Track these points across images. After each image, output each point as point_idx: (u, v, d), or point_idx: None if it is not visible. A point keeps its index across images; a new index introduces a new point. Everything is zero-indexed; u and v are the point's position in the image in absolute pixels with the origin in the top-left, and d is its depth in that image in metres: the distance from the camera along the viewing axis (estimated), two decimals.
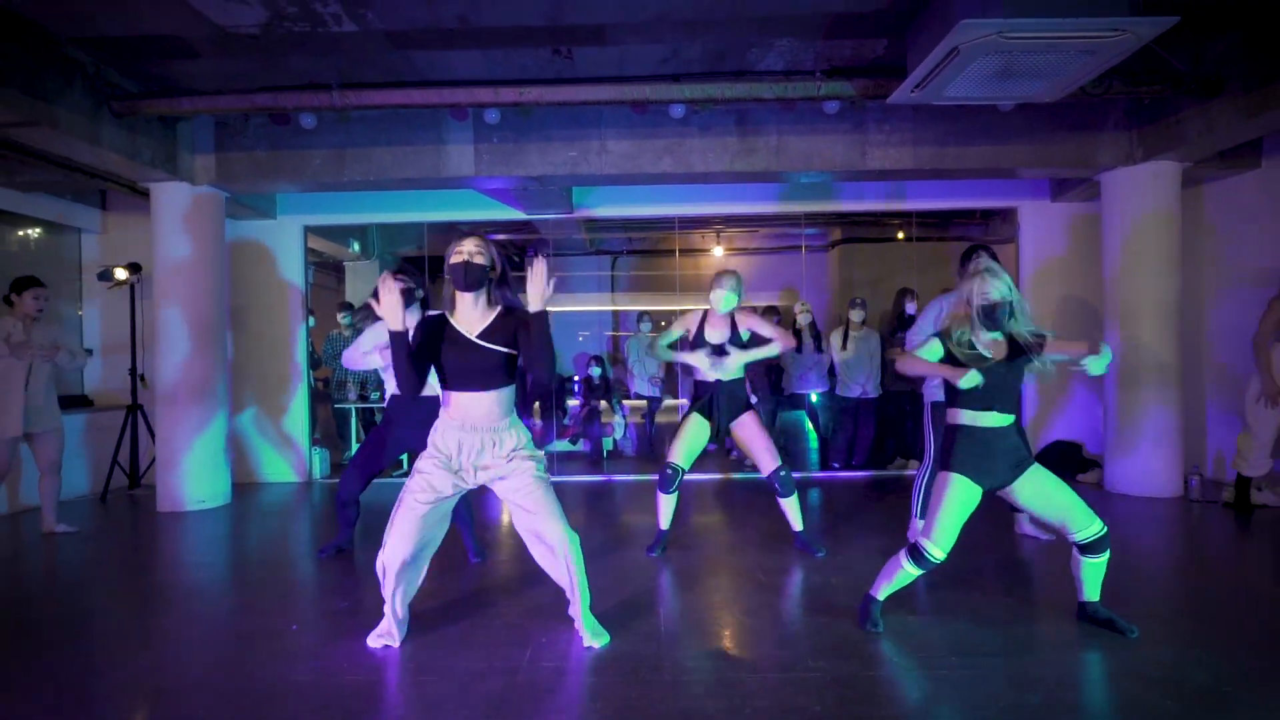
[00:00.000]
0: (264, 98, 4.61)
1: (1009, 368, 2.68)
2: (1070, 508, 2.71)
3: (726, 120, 5.27)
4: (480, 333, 2.61)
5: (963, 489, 2.68)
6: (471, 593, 3.40)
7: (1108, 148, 5.31)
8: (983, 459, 2.68)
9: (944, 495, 2.70)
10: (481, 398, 2.61)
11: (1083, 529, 2.71)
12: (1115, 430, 5.52)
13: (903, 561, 2.75)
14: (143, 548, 4.54)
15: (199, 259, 5.45)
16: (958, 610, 3.06)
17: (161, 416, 5.42)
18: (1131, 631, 2.76)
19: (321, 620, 3.11)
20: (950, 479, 2.70)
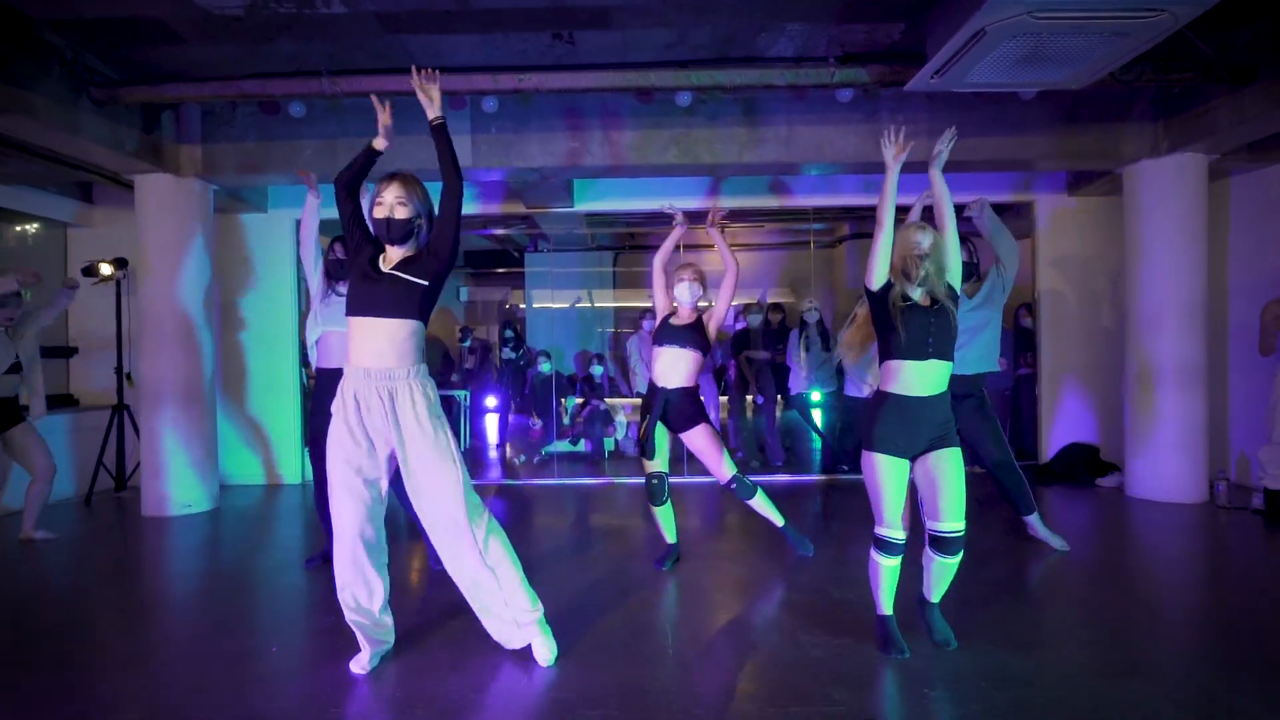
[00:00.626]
0: (251, 84, 4.39)
1: (936, 314, 2.59)
2: (953, 497, 2.58)
3: (734, 110, 5.06)
4: (397, 264, 2.47)
5: (888, 468, 2.58)
6: (453, 605, 3.20)
7: (1132, 139, 5.09)
8: (901, 430, 2.58)
9: (875, 480, 2.61)
10: (382, 325, 2.42)
11: (947, 520, 2.57)
12: (1136, 433, 5.31)
13: (876, 558, 2.66)
14: (123, 556, 4.34)
15: (185, 253, 5.24)
16: (984, 632, 2.85)
17: (146, 417, 5.22)
18: (950, 644, 2.68)
19: (304, 640, 2.91)
20: (874, 460, 2.60)
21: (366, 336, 2.42)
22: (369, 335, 2.42)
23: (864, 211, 7.71)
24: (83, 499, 5.72)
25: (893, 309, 2.60)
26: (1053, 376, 6.27)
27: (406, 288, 2.43)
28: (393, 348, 2.42)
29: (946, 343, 2.60)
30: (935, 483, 2.59)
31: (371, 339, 2.42)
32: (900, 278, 2.64)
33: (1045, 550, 3.99)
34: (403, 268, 2.46)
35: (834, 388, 6.60)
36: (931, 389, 2.59)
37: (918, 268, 2.59)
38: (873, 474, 2.62)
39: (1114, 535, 4.51)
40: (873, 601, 2.75)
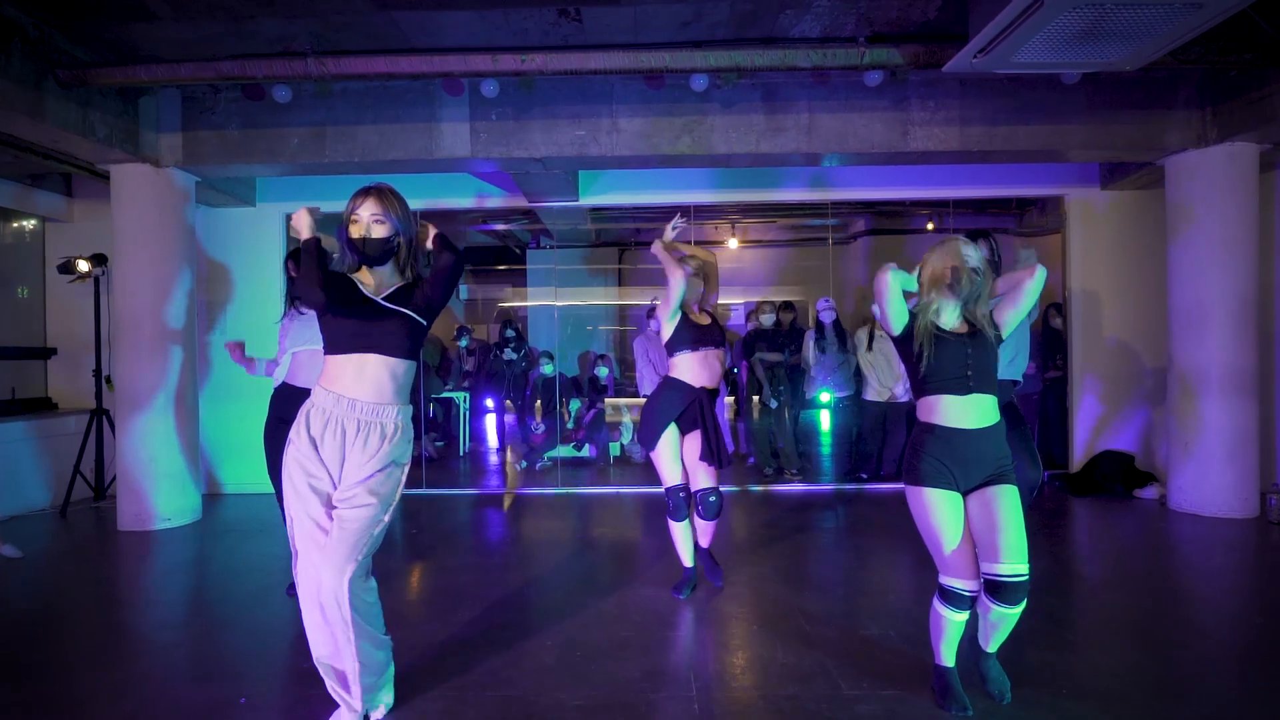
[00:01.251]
0: (231, 65, 4.05)
1: (975, 343, 2.29)
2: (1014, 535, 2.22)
3: (752, 96, 4.71)
4: (387, 295, 2.21)
5: (941, 503, 2.27)
6: (447, 646, 2.87)
7: (1177, 127, 4.75)
8: (948, 463, 2.27)
9: (928, 519, 2.29)
10: (369, 361, 2.17)
11: (1007, 562, 2.20)
12: (1179, 442, 4.98)
13: (940, 610, 2.32)
14: (94, 577, 4.01)
15: (165, 249, 4.90)
16: (1037, 677, 2.52)
17: (124, 424, 4.88)
18: (1005, 698, 2.36)
19: (280, 687, 2.58)
20: (923, 496, 2.29)
21: (361, 369, 2.18)
22: (363, 368, 2.18)
23: (884, 206, 7.39)
24: (58, 510, 5.40)
25: (921, 338, 2.30)
26: (1084, 380, 5.93)
27: (400, 322, 2.19)
28: (391, 381, 2.21)
29: (987, 374, 2.28)
30: (993, 520, 2.23)
31: (366, 370, 2.18)
32: (942, 291, 2.29)
33: (1086, 575, 3.67)
34: (398, 299, 2.21)
35: (852, 391, 6.27)
36: (979, 422, 2.28)
37: (970, 280, 2.26)
38: (924, 513, 2.29)
39: (1159, 553, 4.18)
40: (932, 650, 2.40)
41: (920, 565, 3.82)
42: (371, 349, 2.17)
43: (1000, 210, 7.49)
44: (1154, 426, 5.76)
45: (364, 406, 2.16)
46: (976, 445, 2.26)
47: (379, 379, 2.18)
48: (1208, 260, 4.81)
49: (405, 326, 2.20)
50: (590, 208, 6.56)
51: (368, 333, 2.17)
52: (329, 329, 2.18)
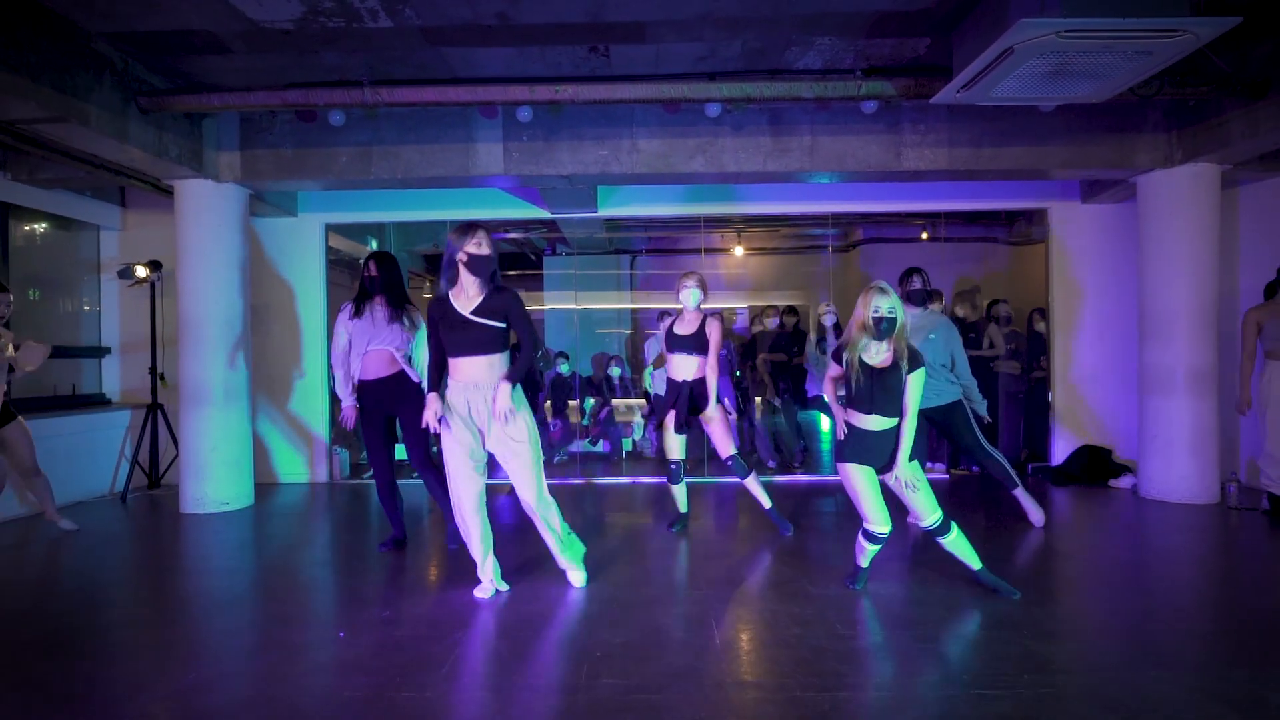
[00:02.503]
0: (295, 94, 4.53)
1: (887, 377, 3.17)
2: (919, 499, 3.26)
3: (760, 120, 5.20)
4: (474, 310, 3.17)
5: (861, 473, 3.25)
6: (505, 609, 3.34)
7: (1146, 149, 5.23)
8: (865, 450, 3.24)
9: (854, 484, 3.26)
10: (478, 361, 3.20)
11: (925, 517, 3.26)
12: (1149, 436, 5.45)
13: (863, 543, 3.35)
14: (168, 551, 4.48)
15: (223, 256, 5.38)
16: (1010, 625, 3.00)
17: (185, 417, 5.35)
18: (1014, 594, 3.30)
19: (369, 630, 3.05)
20: (849, 469, 3.27)
21: (473, 366, 3.20)
22: (475, 365, 3.20)
23: (880, 217, 7.87)
24: (118, 496, 5.86)
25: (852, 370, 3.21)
26: (1065, 380, 6.41)
27: (489, 331, 3.18)
28: (493, 369, 3.22)
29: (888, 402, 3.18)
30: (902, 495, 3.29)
31: (477, 366, 3.20)
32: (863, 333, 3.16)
33: (1061, 551, 4.14)
34: (480, 313, 3.17)
35: None
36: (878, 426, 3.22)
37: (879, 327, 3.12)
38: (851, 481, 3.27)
39: (1128, 534, 4.64)
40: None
41: (914, 557, 4.30)
42: (469, 352, 3.19)
43: (991, 220, 7.98)
44: (1129, 422, 6.23)
45: (484, 385, 3.19)
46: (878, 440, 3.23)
47: (485, 370, 3.21)
48: (1174, 270, 5.29)
49: (491, 332, 3.18)
50: (607, 218, 7.04)
51: (465, 343, 3.18)
52: (442, 340, 3.22)
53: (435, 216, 6.56)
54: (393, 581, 3.69)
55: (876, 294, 3.13)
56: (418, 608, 3.26)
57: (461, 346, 3.18)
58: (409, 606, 3.28)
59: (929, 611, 3.15)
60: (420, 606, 3.27)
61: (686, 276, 4.40)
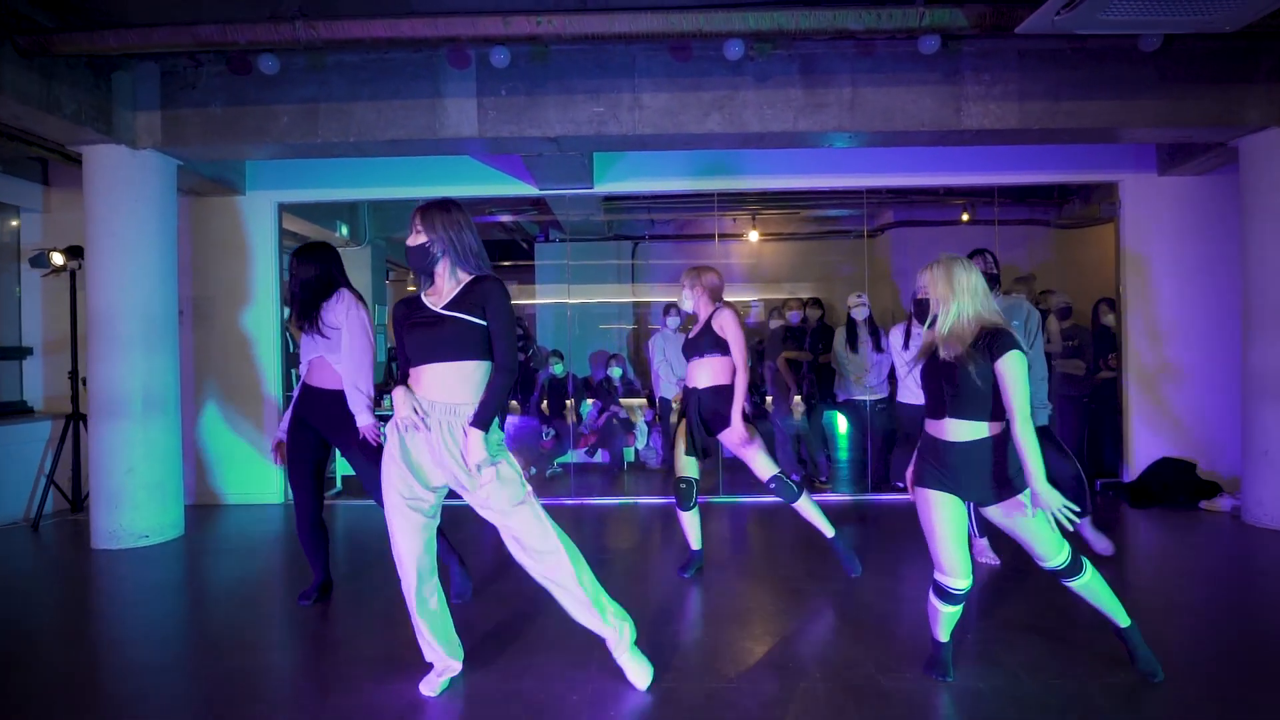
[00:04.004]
0: (210, 30, 3.61)
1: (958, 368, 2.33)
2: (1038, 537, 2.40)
3: (789, 68, 4.27)
4: (446, 304, 2.38)
5: (939, 503, 2.41)
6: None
7: (1258, 102, 4.29)
8: (944, 470, 2.41)
9: (927, 516, 2.45)
10: (446, 369, 2.34)
11: (1048, 561, 2.42)
12: (1255, 450, 4.53)
13: (935, 603, 2.47)
14: (58, 602, 3.58)
15: (142, 239, 4.46)
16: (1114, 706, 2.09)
17: (97, 432, 4.44)
18: (1156, 675, 2.45)
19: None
20: (924, 495, 2.45)
21: (438, 377, 2.34)
22: (441, 376, 2.34)
23: (916, 195, 6.93)
24: (30, 524, 4.97)
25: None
26: (1139, 381, 5.48)
27: (463, 327, 2.34)
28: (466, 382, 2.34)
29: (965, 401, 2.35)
30: (1013, 533, 2.44)
31: (443, 377, 2.34)
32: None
33: (1157, 599, 3.23)
34: (454, 306, 2.36)
35: (886, 393, 5.82)
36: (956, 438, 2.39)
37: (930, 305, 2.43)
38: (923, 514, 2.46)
39: (1239, 574, 3.74)
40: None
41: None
42: (435, 358, 2.34)
43: (1040, 201, 7.03)
44: (1216, 432, 5.31)
45: (441, 406, 2.31)
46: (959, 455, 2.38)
47: (453, 383, 2.32)
48: None
49: (465, 329, 2.33)
50: (604, 196, 6.12)
51: (432, 344, 2.34)
52: (405, 347, 2.40)
53: (404, 194, 5.64)
54: (323, 659, 2.78)
55: (923, 270, 2.49)
56: (348, 709, 2.35)
57: (424, 350, 2.35)
58: (334, 708, 2.37)
59: (1044, 716, 2.23)
60: (353, 708, 2.36)
61: (686, 275, 3.68)
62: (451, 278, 2.42)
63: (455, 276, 2.42)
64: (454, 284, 2.41)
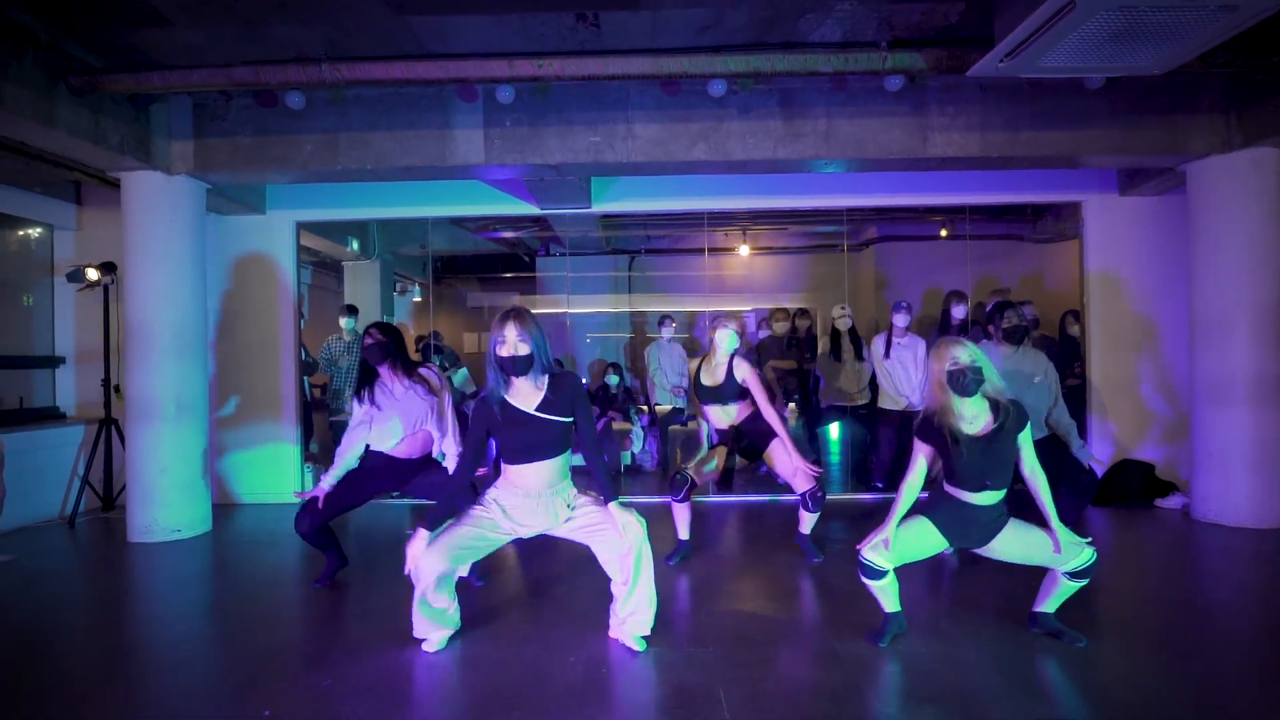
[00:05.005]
0: (244, 72, 4.01)
1: (996, 441, 2.70)
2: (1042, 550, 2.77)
3: (769, 102, 4.66)
4: (538, 405, 2.70)
5: (934, 538, 2.79)
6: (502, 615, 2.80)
7: (1202, 132, 4.68)
8: (964, 526, 2.79)
9: (915, 529, 2.78)
10: (542, 467, 2.74)
11: (1071, 561, 2.74)
12: (1203, 451, 4.90)
13: (865, 582, 2.82)
14: (101, 590, 3.95)
15: (175, 257, 4.85)
16: (1062, 685, 2.45)
17: (132, 434, 4.82)
18: (1079, 641, 2.82)
19: (303, 704, 2.51)
20: (927, 524, 2.79)
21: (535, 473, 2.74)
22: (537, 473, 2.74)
23: (896, 214, 7.33)
24: (66, 521, 5.34)
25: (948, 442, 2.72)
26: (1103, 388, 5.86)
27: (557, 429, 2.72)
28: (557, 472, 2.79)
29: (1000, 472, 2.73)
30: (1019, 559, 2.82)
31: (539, 474, 2.75)
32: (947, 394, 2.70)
33: (1109, 585, 3.60)
34: (546, 409, 2.70)
35: (867, 400, 6.19)
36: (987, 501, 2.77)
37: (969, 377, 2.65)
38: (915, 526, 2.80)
39: (1181, 563, 4.10)
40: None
41: (922, 571, 3.75)
42: (534, 458, 2.72)
43: (1015, 217, 7.43)
44: (1174, 435, 5.68)
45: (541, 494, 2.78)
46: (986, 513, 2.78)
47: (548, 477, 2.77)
48: (1231, 267, 4.74)
49: (558, 430, 2.72)
50: (602, 215, 6.51)
51: (531, 446, 2.71)
52: (505, 445, 2.74)
53: (414, 213, 6.04)
54: (341, 633, 3.15)
55: (949, 347, 2.70)
56: (366, 670, 2.72)
57: (521, 452, 2.72)
58: (356, 668, 2.74)
59: (981, 676, 2.60)
60: (369, 668, 2.73)
61: (728, 318, 4.02)
62: (533, 380, 2.71)
63: (536, 380, 2.71)
64: (535, 385, 2.72)
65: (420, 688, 2.59)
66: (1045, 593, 2.90)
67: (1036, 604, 2.94)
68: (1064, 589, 2.83)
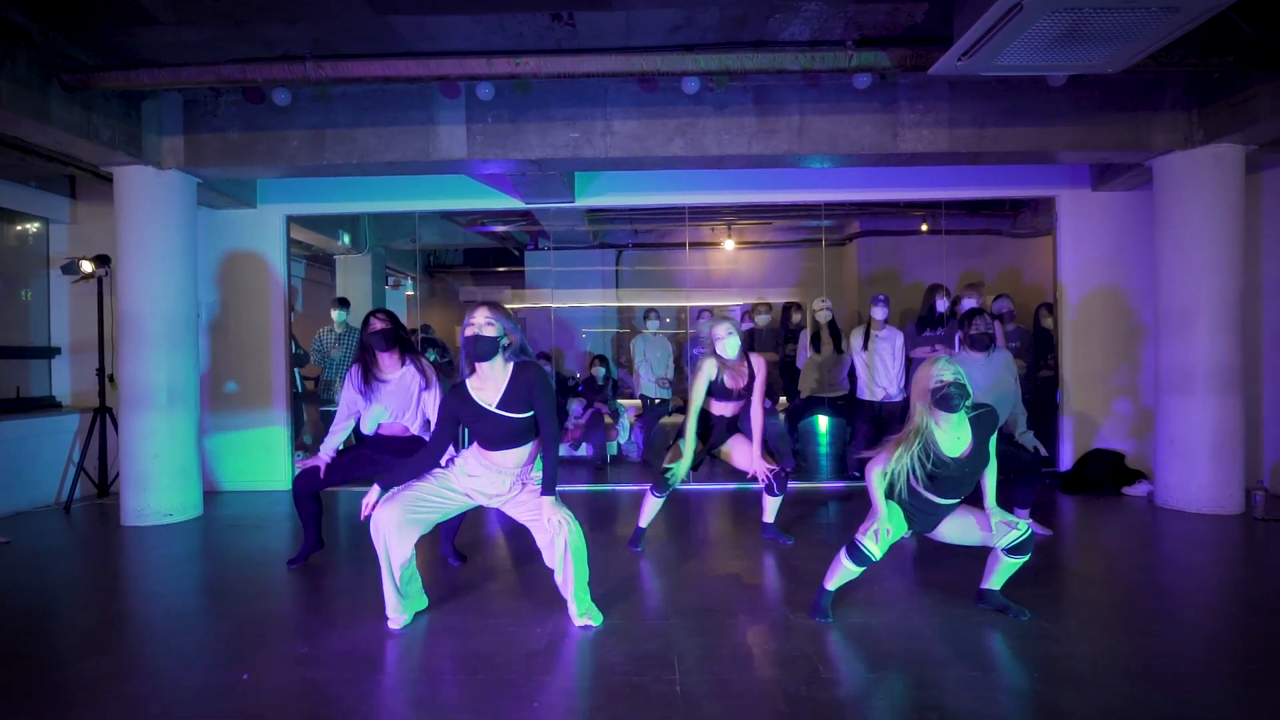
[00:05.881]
0: (231, 69, 4.14)
1: (975, 456, 2.86)
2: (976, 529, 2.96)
3: (744, 98, 4.79)
4: (499, 403, 2.81)
5: (902, 524, 2.91)
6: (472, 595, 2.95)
7: (1164, 128, 4.82)
8: (925, 517, 2.97)
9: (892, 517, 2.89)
10: (509, 453, 2.90)
11: (1003, 538, 2.90)
12: (1166, 439, 5.04)
13: (845, 560, 2.93)
14: (97, 570, 4.09)
15: (166, 249, 4.98)
16: (1022, 658, 2.59)
17: (127, 421, 4.96)
18: (1024, 614, 2.99)
19: (281, 667, 2.65)
20: (898, 511, 2.91)
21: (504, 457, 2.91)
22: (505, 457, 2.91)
23: (877, 208, 7.46)
24: (62, 506, 5.48)
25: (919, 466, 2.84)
26: (1075, 379, 6.00)
27: (519, 423, 2.85)
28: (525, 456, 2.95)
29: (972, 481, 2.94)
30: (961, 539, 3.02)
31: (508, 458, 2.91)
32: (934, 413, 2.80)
33: (1071, 568, 3.75)
34: (506, 406, 2.82)
35: (846, 390, 6.33)
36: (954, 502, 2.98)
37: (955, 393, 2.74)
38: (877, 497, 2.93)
39: (1144, 548, 4.24)
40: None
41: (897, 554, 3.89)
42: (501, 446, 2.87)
43: (994, 211, 7.56)
44: (1143, 425, 5.82)
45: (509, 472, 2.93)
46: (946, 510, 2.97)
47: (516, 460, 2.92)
48: (1195, 260, 4.88)
49: (521, 424, 2.84)
50: (587, 209, 6.64)
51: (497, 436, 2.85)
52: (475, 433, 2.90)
53: (402, 207, 6.17)
54: (320, 606, 3.29)
55: (931, 367, 2.79)
56: (343, 641, 2.86)
57: (497, 441, 2.88)
58: (335, 639, 2.88)
59: (926, 646, 2.74)
60: (346, 639, 2.88)
61: (719, 324, 3.95)
62: (496, 369, 2.81)
63: (500, 369, 2.81)
64: (499, 375, 2.81)
65: (391, 655, 2.74)
66: (989, 570, 3.07)
67: (983, 581, 3.10)
68: (1005, 566, 2.98)
